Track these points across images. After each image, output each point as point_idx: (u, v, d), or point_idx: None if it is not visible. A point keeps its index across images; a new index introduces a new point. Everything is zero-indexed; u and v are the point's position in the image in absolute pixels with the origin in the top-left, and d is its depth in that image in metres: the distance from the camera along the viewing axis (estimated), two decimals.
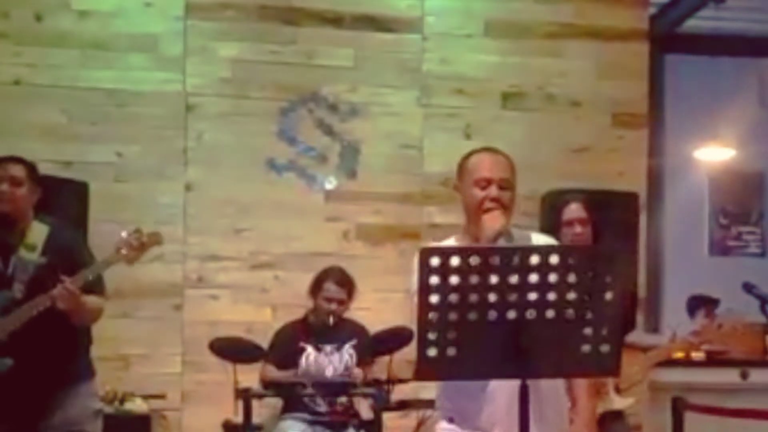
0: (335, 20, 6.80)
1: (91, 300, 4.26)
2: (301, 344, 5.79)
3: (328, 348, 5.81)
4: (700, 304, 7.33)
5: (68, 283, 4.09)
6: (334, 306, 5.80)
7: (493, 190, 3.32)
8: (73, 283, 4.11)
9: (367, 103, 6.79)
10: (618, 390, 4.93)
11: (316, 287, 5.85)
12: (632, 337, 5.06)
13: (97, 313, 4.36)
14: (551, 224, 6.39)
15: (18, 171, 4.28)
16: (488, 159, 3.40)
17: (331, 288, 5.81)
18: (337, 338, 5.84)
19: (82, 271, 4.17)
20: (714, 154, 7.37)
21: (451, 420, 3.35)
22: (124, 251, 4.27)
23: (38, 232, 4.29)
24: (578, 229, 4.74)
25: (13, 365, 4.14)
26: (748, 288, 5.01)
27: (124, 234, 4.31)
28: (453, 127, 6.86)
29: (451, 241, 3.44)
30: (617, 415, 4.95)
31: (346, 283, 5.86)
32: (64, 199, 5.74)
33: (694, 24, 7.33)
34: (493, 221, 3.24)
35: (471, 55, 6.93)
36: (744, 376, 6.82)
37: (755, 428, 5.82)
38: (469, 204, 3.36)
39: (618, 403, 4.93)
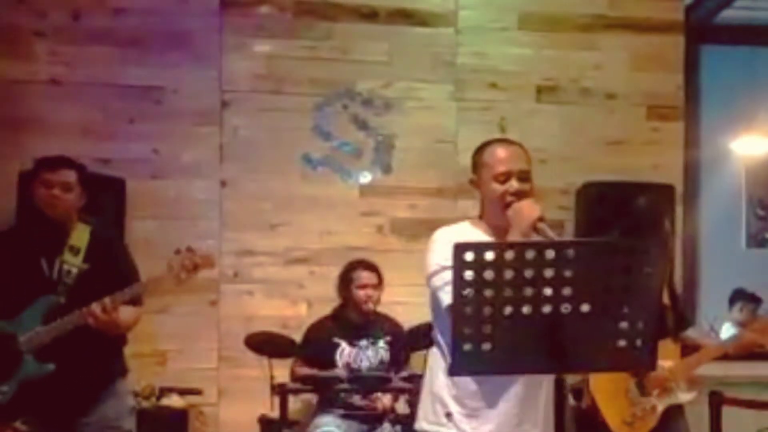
0: (370, 15, 6.80)
1: (125, 313, 4.25)
2: (335, 340, 5.81)
3: (363, 343, 5.83)
4: (740, 298, 7.27)
5: (108, 303, 4.09)
6: (369, 291, 5.82)
7: (513, 184, 3.32)
8: (113, 302, 4.11)
9: (401, 98, 6.79)
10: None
11: (346, 280, 5.88)
12: (693, 333, 5.05)
13: (131, 324, 4.36)
14: (587, 218, 6.42)
15: (70, 177, 4.31)
16: (504, 151, 3.38)
17: (362, 275, 5.85)
18: (371, 333, 5.85)
19: (123, 291, 4.16)
20: (751, 145, 7.30)
21: (449, 416, 3.32)
22: (176, 271, 4.24)
23: (81, 233, 4.32)
24: None
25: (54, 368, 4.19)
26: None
27: (177, 254, 4.28)
28: (487, 121, 6.85)
29: (465, 225, 3.43)
30: (680, 409, 4.93)
31: (375, 269, 5.90)
32: (101, 196, 5.79)
33: (730, 14, 7.26)
34: (530, 210, 3.22)
35: (505, 49, 6.91)
36: None
37: None
38: (489, 200, 3.37)
39: (682, 397, 4.90)
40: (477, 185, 3.42)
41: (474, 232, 3.39)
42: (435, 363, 3.41)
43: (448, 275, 3.14)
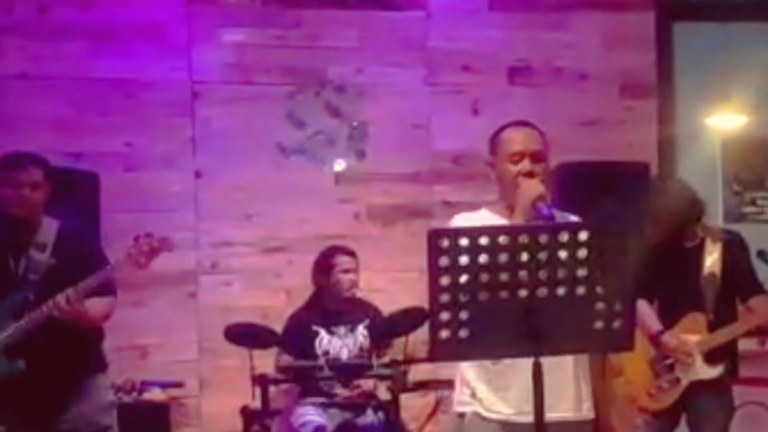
0: (339, 1, 6.77)
1: (94, 304, 4.23)
2: (314, 328, 5.79)
3: (341, 330, 5.82)
4: None
5: (71, 293, 4.07)
6: (352, 276, 5.82)
7: (526, 164, 3.36)
8: (77, 292, 4.08)
9: (373, 84, 6.76)
10: (707, 358, 4.83)
11: (326, 266, 5.85)
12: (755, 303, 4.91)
13: (103, 314, 4.33)
14: (562, 199, 6.41)
15: (38, 175, 4.26)
16: (519, 133, 3.45)
17: (344, 260, 5.83)
18: (349, 320, 5.84)
19: (86, 280, 4.13)
20: (726, 121, 7.31)
21: (474, 395, 3.35)
22: (135, 257, 4.21)
23: (48, 228, 4.28)
24: None
25: (26, 364, 4.15)
26: (763, 255, 4.96)
27: (136, 239, 4.27)
28: (461, 104, 6.83)
29: (483, 212, 3.47)
30: (709, 386, 4.85)
31: (354, 253, 5.89)
32: (75, 191, 5.74)
33: None
34: (531, 188, 3.28)
35: (476, 31, 6.88)
36: (762, 343, 6.78)
37: None
38: (503, 179, 3.41)
39: (705, 372, 4.85)
40: (493, 166, 3.46)
41: (491, 218, 3.41)
42: None
43: None
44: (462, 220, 3.43)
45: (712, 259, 4.89)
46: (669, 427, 4.99)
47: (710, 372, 4.84)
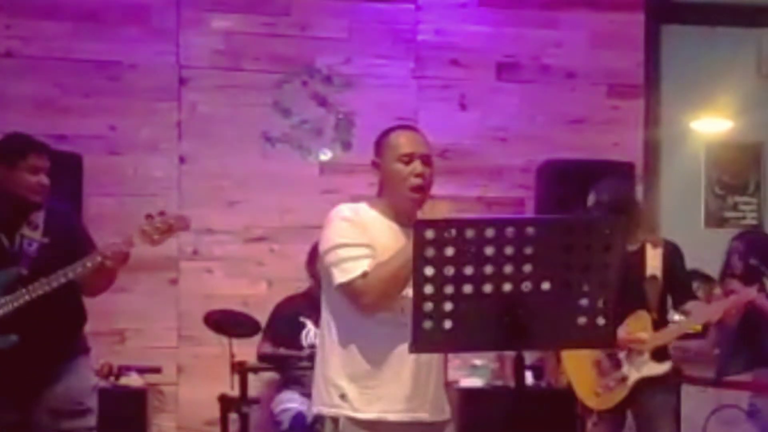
0: None
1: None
2: (302, 319, 5.77)
3: None
4: (694, 278, 7.28)
5: (121, 243, 4.11)
6: None
7: (417, 165, 3.40)
8: (125, 245, 4.12)
9: (361, 75, 6.75)
10: (654, 355, 4.87)
11: None
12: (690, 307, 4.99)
13: (110, 282, 4.38)
14: (547, 196, 6.42)
15: (49, 161, 4.26)
16: (409, 135, 3.50)
17: None
18: None
19: (114, 241, 4.15)
20: (711, 125, 7.33)
21: (343, 397, 3.31)
22: (149, 234, 4.18)
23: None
24: None
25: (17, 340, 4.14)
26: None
27: (148, 217, 4.23)
28: (448, 99, 6.82)
29: (363, 206, 3.48)
30: (656, 383, 4.89)
31: None
32: (57, 172, 5.70)
33: None
34: (441, 210, 3.35)
35: (466, 26, 6.88)
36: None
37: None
38: (391, 179, 3.43)
39: (653, 368, 4.88)
40: (379, 166, 3.48)
41: (370, 213, 3.42)
42: (326, 344, 3.39)
43: (343, 252, 3.28)
44: (342, 211, 3.44)
45: (653, 263, 4.96)
46: (617, 427, 5.02)
47: (658, 369, 4.89)
